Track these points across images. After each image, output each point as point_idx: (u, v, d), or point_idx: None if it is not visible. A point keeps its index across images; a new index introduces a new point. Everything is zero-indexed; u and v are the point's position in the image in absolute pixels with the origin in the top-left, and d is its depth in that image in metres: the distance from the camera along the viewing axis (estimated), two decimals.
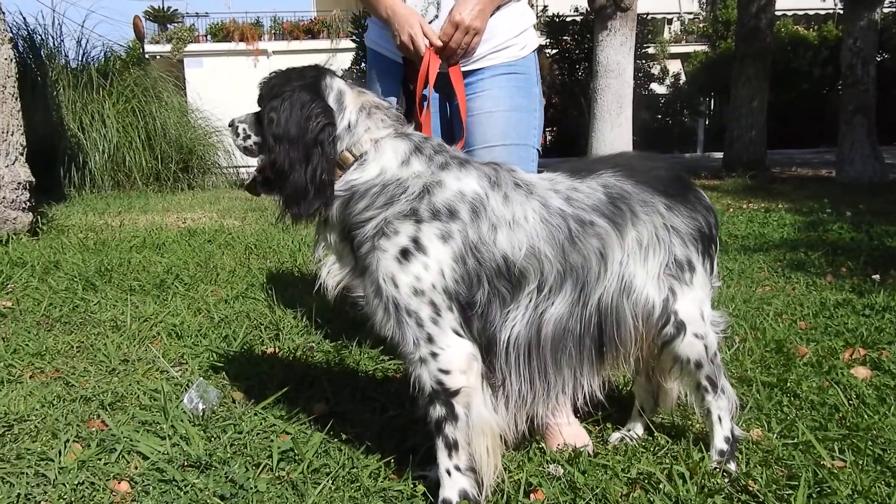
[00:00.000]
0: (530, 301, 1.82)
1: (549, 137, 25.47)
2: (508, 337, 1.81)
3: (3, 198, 5.89)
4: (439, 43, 2.24)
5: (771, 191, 9.61)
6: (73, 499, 1.97)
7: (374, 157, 1.79)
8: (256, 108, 1.92)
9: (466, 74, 2.35)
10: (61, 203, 8.82)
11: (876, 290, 3.83)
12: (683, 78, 26.25)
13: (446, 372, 1.74)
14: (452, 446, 1.78)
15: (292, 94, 1.78)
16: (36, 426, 2.42)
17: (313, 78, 1.83)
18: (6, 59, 6.11)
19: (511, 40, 2.40)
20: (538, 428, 2.21)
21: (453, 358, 1.74)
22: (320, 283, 1.91)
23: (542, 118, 2.48)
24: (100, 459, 2.17)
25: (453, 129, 2.42)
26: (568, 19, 18.05)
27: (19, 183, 6.04)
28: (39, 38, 11.02)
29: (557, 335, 1.85)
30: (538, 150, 2.45)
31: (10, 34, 6.79)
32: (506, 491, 1.90)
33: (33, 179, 6.24)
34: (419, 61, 2.25)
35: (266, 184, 1.90)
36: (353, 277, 1.85)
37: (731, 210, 7.53)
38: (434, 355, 1.74)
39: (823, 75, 24.27)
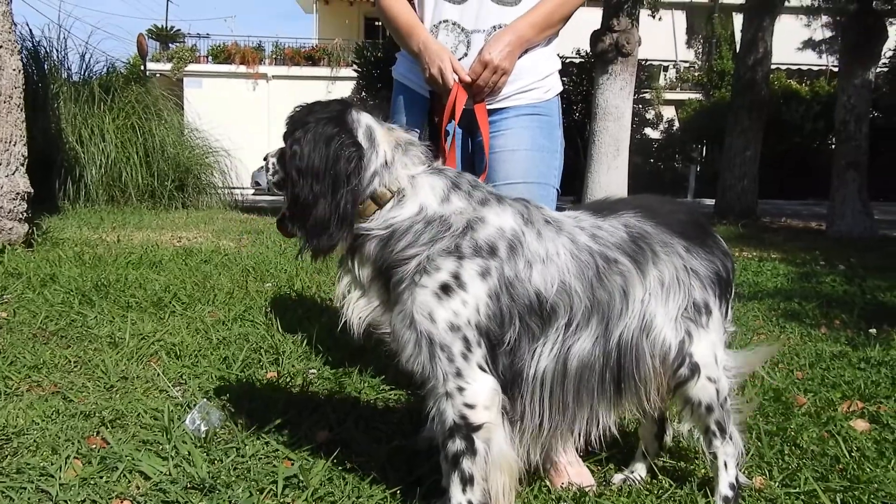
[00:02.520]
0: (559, 336, 1.83)
1: None
2: (535, 371, 1.82)
3: (1, 207, 5.87)
4: (468, 78, 2.29)
5: (763, 240, 9.72)
6: None
7: (412, 193, 1.80)
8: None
9: (491, 112, 2.40)
10: (55, 215, 8.79)
11: (871, 345, 3.87)
12: (677, 124, 26.67)
13: (471, 406, 1.75)
14: (468, 481, 1.78)
15: (317, 127, 1.78)
16: (35, 441, 2.39)
17: (339, 111, 1.83)
18: (14, 69, 6.15)
19: (536, 83, 2.45)
20: (544, 465, 2.22)
21: (479, 393, 1.75)
22: (345, 320, 1.89)
23: (563, 160, 2.52)
24: (101, 477, 2.15)
25: (474, 164, 2.46)
26: (566, 61, 18.31)
27: (17, 193, 6.02)
28: (44, 50, 11.07)
29: (582, 370, 1.87)
30: (558, 189, 2.48)
31: (19, 45, 6.82)
32: None
33: (32, 190, 6.23)
34: (446, 95, 2.29)
35: (293, 219, 1.86)
36: (381, 313, 1.85)
37: None
38: (461, 390, 1.75)
39: (815, 129, 24.71)
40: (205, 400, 2.65)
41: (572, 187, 12.42)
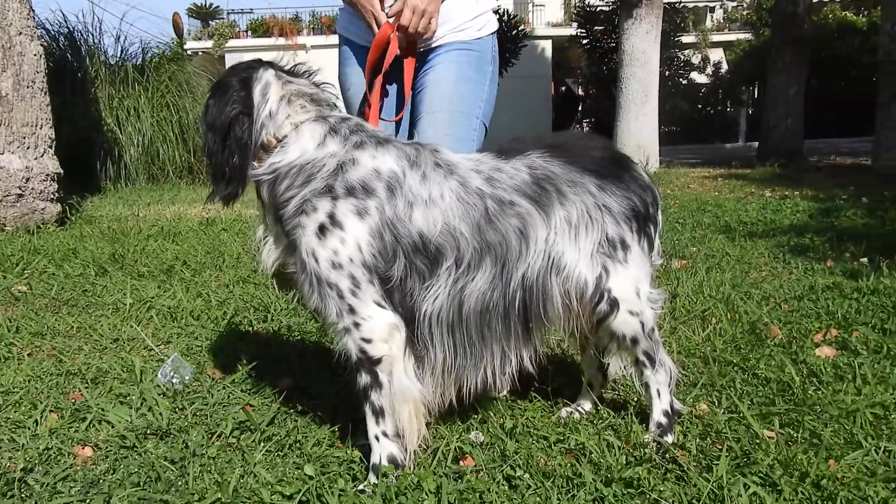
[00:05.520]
0: (450, 276, 1.87)
1: (586, 128, 25.37)
2: (431, 310, 1.87)
3: (32, 189, 6.15)
4: (393, 9, 2.34)
5: (800, 180, 9.42)
6: (38, 461, 2.10)
7: (295, 139, 1.89)
8: None
9: (424, 54, 2.45)
10: (96, 195, 9.14)
11: (869, 274, 3.78)
12: (725, 66, 25.83)
13: (368, 341, 1.83)
14: (379, 413, 1.86)
15: (221, 87, 1.93)
16: (20, 398, 2.56)
17: (247, 72, 1.95)
18: (35, 55, 6.36)
19: (467, 23, 2.49)
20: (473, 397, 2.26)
21: (374, 327, 1.82)
22: (260, 261, 2.00)
23: (493, 95, 2.54)
24: (71, 427, 2.31)
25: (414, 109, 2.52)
26: (597, 9, 17.91)
27: (47, 175, 6.30)
28: (80, 35, 11.41)
29: (481, 309, 1.91)
30: (485, 124, 2.51)
31: (41, 31, 7.07)
32: (437, 457, 1.98)
33: (61, 171, 6.50)
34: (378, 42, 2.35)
35: None
36: (286, 255, 1.94)
37: (750, 198, 7.44)
38: (357, 325, 1.83)
39: (873, 62, 23.57)
40: (177, 354, 2.79)
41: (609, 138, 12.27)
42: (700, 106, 25.04)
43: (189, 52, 22.00)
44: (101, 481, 1.98)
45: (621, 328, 2.02)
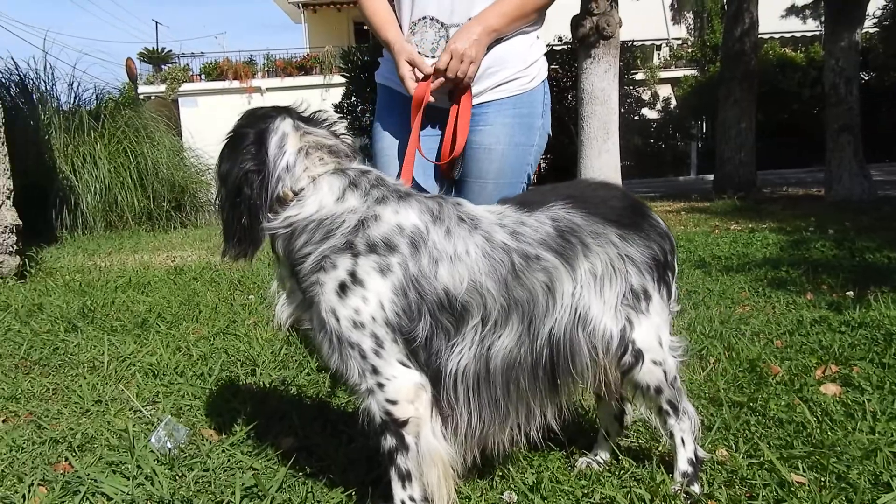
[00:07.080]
0: (475, 334, 1.81)
1: (543, 165, 25.68)
2: (456, 369, 1.81)
3: None
4: (429, 70, 2.31)
5: (760, 211, 9.64)
6: None
7: (312, 193, 1.81)
8: None
9: (473, 106, 2.41)
10: (53, 245, 8.87)
11: (852, 307, 3.83)
12: (674, 102, 26.50)
13: (394, 402, 1.75)
14: (405, 477, 1.78)
15: (235, 138, 1.84)
16: (4, 470, 2.41)
17: (264, 122, 1.85)
18: None
19: (519, 73, 2.45)
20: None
21: (400, 388, 1.75)
22: (274, 317, 1.92)
23: (543, 146, 2.55)
24: (63, 502, 2.16)
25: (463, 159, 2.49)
26: (556, 48, 18.23)
27: (6, 227, 6.08)
28: (31, 82, 11.18)
29: (507, 367, 1.85)
30: (529, 182, 2.50)
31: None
32: None
33: (20, 223, 6.28)
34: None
35: None
36: (302, 311, 1.86)
37: (717, 231, 7.55)
38: (381, 386, 1.75)
39: (813, 95, 24.50)
40: (169, 417, 2.66)
41: (571, 174, 12.43)
42: (652, 140, 25.59)
43: (142, 97, 21.77)
44: None
45: (646, 379, 1.99)
